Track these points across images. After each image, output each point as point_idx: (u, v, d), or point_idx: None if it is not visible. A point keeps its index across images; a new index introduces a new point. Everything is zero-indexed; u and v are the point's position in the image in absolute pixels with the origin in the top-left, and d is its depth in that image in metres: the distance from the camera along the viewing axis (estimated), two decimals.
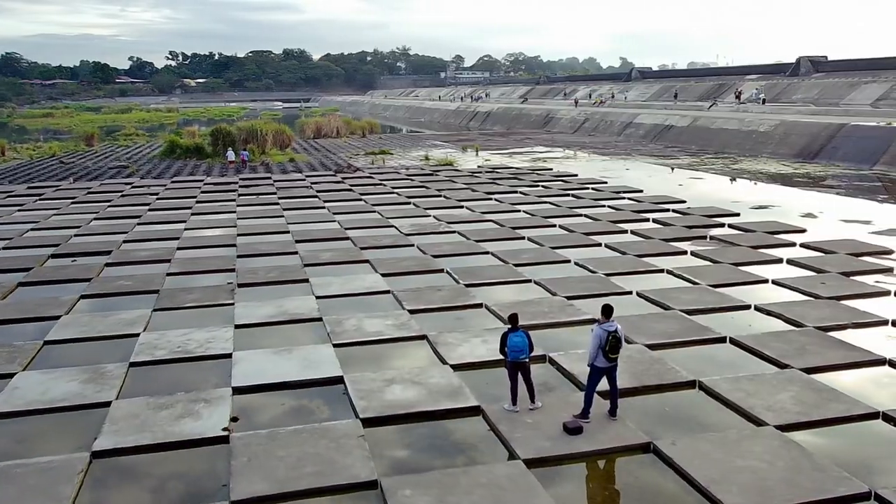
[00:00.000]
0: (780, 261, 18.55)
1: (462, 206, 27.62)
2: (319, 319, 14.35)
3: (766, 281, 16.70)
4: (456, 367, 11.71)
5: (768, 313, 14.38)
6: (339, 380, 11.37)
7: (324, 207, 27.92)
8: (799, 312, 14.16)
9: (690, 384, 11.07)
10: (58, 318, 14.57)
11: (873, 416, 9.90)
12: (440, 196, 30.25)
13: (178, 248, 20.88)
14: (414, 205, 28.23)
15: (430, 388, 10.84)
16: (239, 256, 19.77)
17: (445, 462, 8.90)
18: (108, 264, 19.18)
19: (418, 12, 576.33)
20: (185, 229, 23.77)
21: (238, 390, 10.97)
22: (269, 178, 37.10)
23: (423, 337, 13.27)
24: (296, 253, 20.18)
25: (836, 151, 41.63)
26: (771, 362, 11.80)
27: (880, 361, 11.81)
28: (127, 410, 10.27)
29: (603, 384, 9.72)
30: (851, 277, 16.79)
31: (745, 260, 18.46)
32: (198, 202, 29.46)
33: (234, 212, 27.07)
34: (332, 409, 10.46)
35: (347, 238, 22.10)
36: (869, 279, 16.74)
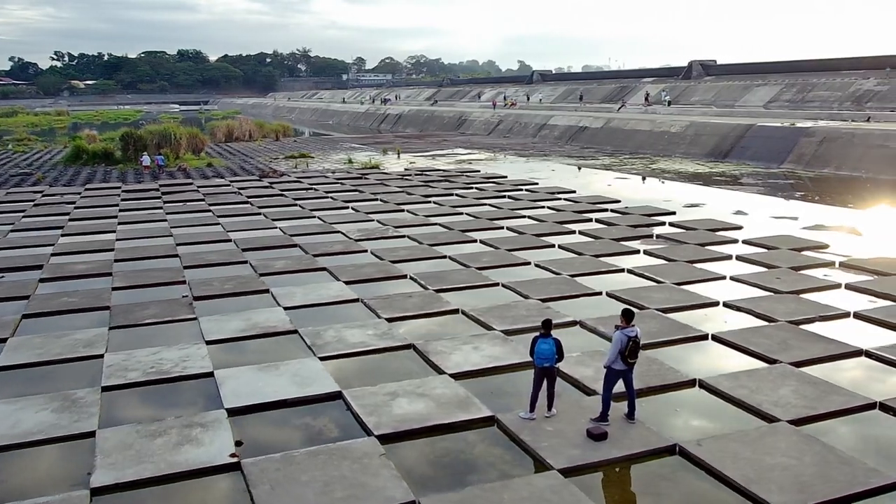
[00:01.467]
0: (729, 257, 19.16)
1: (403, 210, 27.26)
2: (295, 332, 13.74)
3: (724, 278, 17.19)
4: (456, 377, 11.41)
5: (738, 309, 14.78)
6: (337, 395, 10.88)
7: (259, 213, 26.94)
8: (767, 307, 14.62)
9: (691, 383, 11.20)
10: (4, 340, 13.34)
11: (871, 406, 10.28)
12: (377, 200, 29.77)
13: (116, 261, 19.61)
14: (353, 209, 27.67)
15: (437, 400, 10.50)
16: (186, 267, 18.74)
17: (478, 477, 8.60)
18: (42, 280, 17.78)
19: (317, 14, 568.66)
20: (118, 240, 22.36)
21: (233, 412, 10.30)
22: (191, 183, 35.54)
23: (411, 346, 12.91)
24: (246, 262, 19.32)
25: (746, 151, 43.66)
26: (759, 358, 12.09)
27: (857, 353, 12.30)
28: (116, 440, 9.45)
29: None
30: (801, 272, 17.51)
31: (698, 258, 18.96)
32: (122, 210, 27.83)
33: (165, 220, 25.72)
34: (341, 426, 9.97)
35: (295, 245, 21.38)
36: (817, 273, 17.50)
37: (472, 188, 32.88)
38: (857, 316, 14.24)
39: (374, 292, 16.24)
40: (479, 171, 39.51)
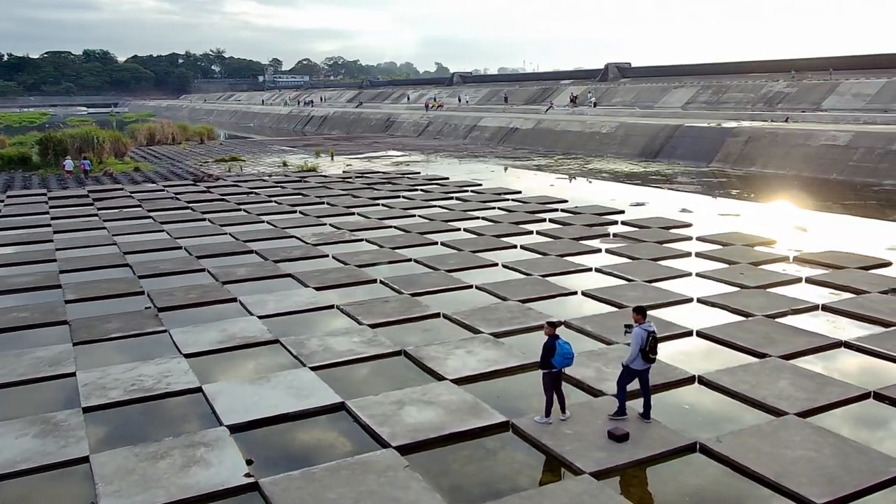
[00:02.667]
0: (688, 254, 19.59)
1: (353, 213, 26.78)
2: (276, 342, 13.21)
3: (689, 274, 17.55)
4: (458, 382, 11.19)
5: (713, 305, 15.09)
6: (340, 406, 10.48)
7: (204, 219, 25.97)
8: (741, 302, 14.98)
9: (690, 379, 11.32)
10: None
11: (866, 395, 10.62)
12: (323, 203, 29.17)
13: (62, 272, 18.46)
14: (301, 213, 27.00)
15: (446, 407, 10.25)
16: (141, 277, 17.81)
17: (509, 485, 8.41)
18: None
19: (229, 15, 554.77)
20: (57, 249, 21.07)
21: (235, 429, 9.77)
22: (122, 189, 33.95)
23: (401, 352, 12.60)
24: (203, 270, 18.52)
25: (675, 151, 45.00)
26: (748, 353, 12.34)
27: (837, 344, 12.72)
28: (115, 465, 8.80)
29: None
30: (760, 267, 18.06)
31: (659, 255, 19.31)
32: (53, 219, 26.28)
33: (104, 228, 24.43)
34: (354, 439, 9.59)
35: (251, 251, 20.67)
36: (775, 268, 18.09)
37: (417, 190, 32.65)
38: (826, 308, 14.75)
39: (348, 298, 15.83)
40: (419, 173, 39.30)
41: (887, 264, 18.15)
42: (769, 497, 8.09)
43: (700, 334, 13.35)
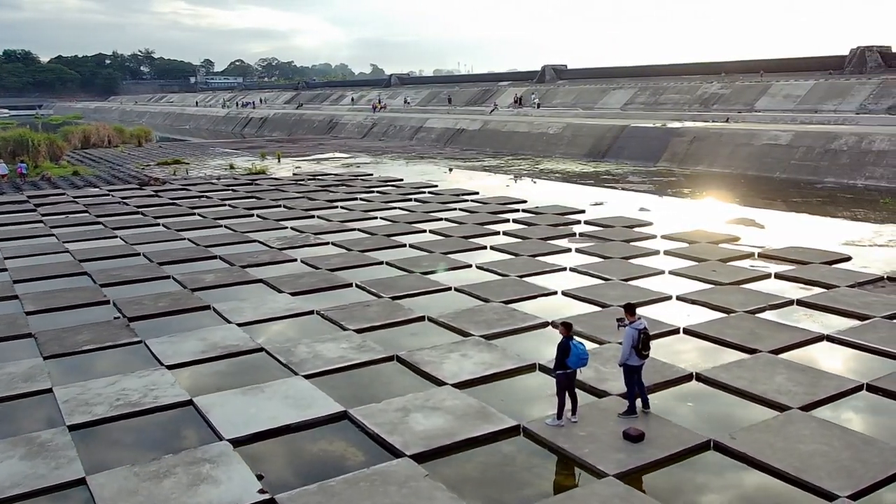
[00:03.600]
0: (657, 252, 19.83)
1: (313, 216, 26.27)
2: (261, 350, 12.77)
3: (663, 272, 17.74)
4: (459, 387, 11.00)
5: (693, 302, 15.28)
6: (342, 415, 10.16)
7: (158, 224, 25.06)
8: (719, 299, 15.20)
9: (688, 377, 11.39)
10: None
11: (859, 388, 10.87)
12: (280, 206, 28.55)
13: (16, 282, 17.49)
14: (259, 217, 26.35)
15: (453, 413, 10.05)
16: (103, 286, 17.01)
17: (536, 491, 8.27)
18: None
19: (158, 14, 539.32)
20: (6, 258, 19.96)
21: (238, 443, 9.35)
22: (63, 193, 32.50)
23: (393, 358, 12.34)
24: (168, 277, 17.84)
25: (622, 151, 45.74)
26: (738, 349, 12.50)
27: (820, 338, 13.02)
28: (117, 486, 8.30)
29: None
30: (728, 263, 18.40)
31: (629, 254, 19.49)
32: None
33: (52, 234, 23.31)
34: (364, 449, 9.29)
35: (215, 256, 20.03)
36: (743, 264, 18.46)
37: (373, 192, 32.27)
38: (801, 303, 15.11)
39: (327, 303, 15.44)
40: (372, 175, 38.90)
41: (847, 259, 18.74)
42: (793, 492, 8.15)
43: (687, 331, 13.48)
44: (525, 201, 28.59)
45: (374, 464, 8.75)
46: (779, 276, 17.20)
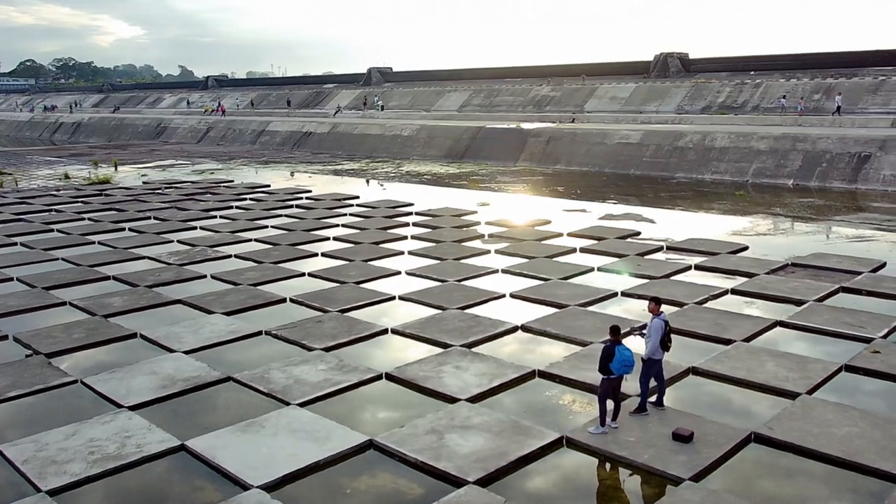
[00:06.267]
0: (574, 250, 20.13)
1: (195, 227, 24.21)
2: (229, 380, 11.38)
3: (592, 269, 18.02)
4: (473, 400, 10.40)
5: (640, 297, 15.58)
6: (369, 444, 9.23)
7: (15, 244, 21.94)
8: (668, 292, 15.53)
9: (686, 372, 11.50)
10: None
11: (840, 369, 11.51)
12: (150, 219, 26.05)
13: None
14: (132, 230, 23.89)
15: (488, 430, 9.43)
16: None
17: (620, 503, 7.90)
18: None
19: None
20: None
21: (270, 488, 8.17)
22: None
23: (382, 376, 11.46)
24: (65, 303, 15.59)
25: (480, 151, 46.48)
26: (712, 340, 12.83)
27: (774, 324, 13.70)
28: None
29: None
30: (647, 257, 19.08)
31: (550, 253, 19.61)
32: None
33: None
34: (416, 479, 8.46)
35: (108, 277, 17.85)
36: (660, 256, 19.23)
37: (246, 199, 30.40)
38: (735, 292, 15.89)
39: (272, 322, 14.14)
40: (233, 181, 36.68)
41: (745, 248, 20.03)
42: (857, 477, 8.35)
43: (644, 326, 13.65)
44: (412, 204, 28.15)
45: (441, 495, 7.98)
46: (699, 268, 18.01)
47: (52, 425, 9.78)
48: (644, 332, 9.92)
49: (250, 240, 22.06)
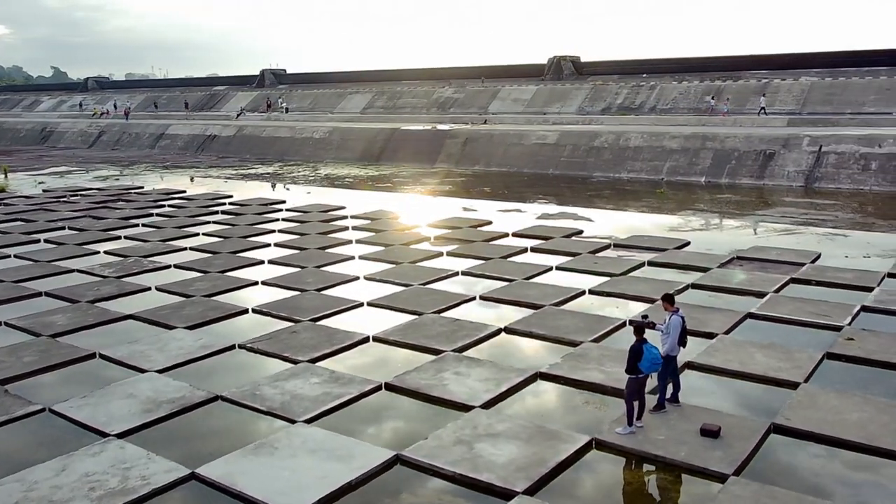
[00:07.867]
0: (525, 250, 20.12)
1: (119, 237, 22.69)
2: (218, 399, 10.60)
3: (551, 269, 18.04)
4: (486, 407, 10.12)
5: (609, 294, 15.72)
6: (395, 460, 8.77)
7: None
8: (634, 290, 15.75)
9: (683, 367, 11.59)
10: None
11: (823, 358, 11.92)
12: (65, 229, 24.27)
13: None
14: (49, 241, 22.18)
15: (517, 437, 9.15)
16: None
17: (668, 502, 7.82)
18: None
19: None
20: None
21: None
22: None
23: (381, 386, 10.98)
24: (12, 326, 14.15)
25: (396, 153, 46.03)
26: (695, 334, 12.74)
27: (746, 316, 14.08)
28: None
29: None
30: (599, 255, 19.32)
31: (503, 254, 19.50)
32: None
33: None
34: (461, 493, 8.08)
35: (39, 293, 16.41)
36: (611, 254, 19.51)
37: (164, 206, 28.81)
38: (696, 286, 16.29)
39: (241, 335, 13.35)
40: (143, 187, 34.74)
41: (688, 243, 20.62)
42: (886, 462, 8.60)
43: (633, 322, 13.77)
44: (344, 207, 27.55)
45: None
46: (653, 264, 18.36)
47: (33, 461, 8.77)
48: (658, 326, 9.86)
49: (185, 248, 20.85)
